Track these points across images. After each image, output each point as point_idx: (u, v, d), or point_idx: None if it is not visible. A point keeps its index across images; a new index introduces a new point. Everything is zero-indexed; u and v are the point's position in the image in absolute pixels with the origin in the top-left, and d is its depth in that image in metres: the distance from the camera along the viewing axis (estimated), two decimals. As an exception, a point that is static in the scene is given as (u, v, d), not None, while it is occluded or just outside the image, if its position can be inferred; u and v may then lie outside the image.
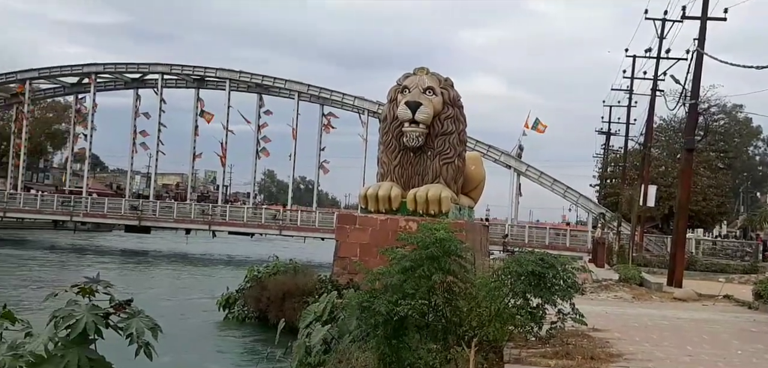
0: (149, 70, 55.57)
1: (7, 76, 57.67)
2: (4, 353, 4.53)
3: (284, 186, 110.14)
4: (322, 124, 52.80)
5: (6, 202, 53.09)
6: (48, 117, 78.55)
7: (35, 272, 33.65)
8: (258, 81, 53.73)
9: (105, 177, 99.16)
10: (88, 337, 4.43)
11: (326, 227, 45.39)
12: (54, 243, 52.94)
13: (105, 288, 4.67)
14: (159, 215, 51.80)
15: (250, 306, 19.40)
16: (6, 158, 63.78)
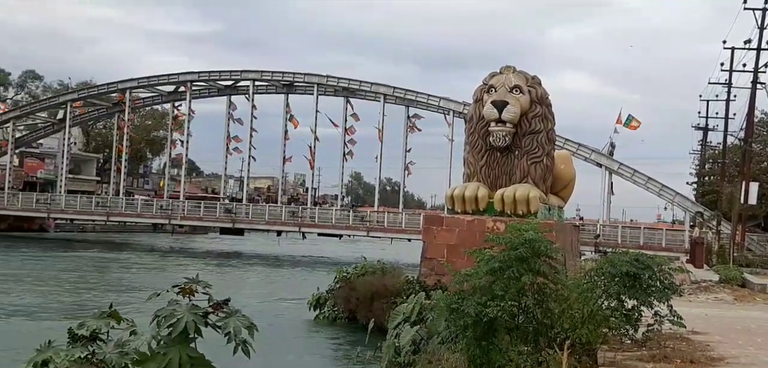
0: (241, 77, 57.29)
1: (109, 86, 60.79)
2: (111, 351, 4.78)
3: (371, 188, 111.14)
4: (407, 125, 53.01)
5: (109, 207, 55.88)
6: (147, 124, 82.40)
7: (137, 273, 35.29)
8: (345, 85, 54.47)
9: (200, 181, 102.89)
10: (188, 336, 4.60)
11: (413, 229, 45.52)
12: (153, 246, 55.37)
13: (204, 288, 4.83)
14: (252, 217, 53.26)
15: (340, 306, 19.70)
16: (109, 165, 67.22)
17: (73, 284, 29.05)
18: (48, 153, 74.50)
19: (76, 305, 23.32)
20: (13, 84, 79.28)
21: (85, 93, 63.16)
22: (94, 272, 34.13)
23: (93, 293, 26.91)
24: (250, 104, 56.30)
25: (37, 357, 4.77)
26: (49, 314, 21.04)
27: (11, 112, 64.12)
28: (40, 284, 28.13)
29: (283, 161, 57.22)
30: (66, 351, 4.91)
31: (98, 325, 5.06)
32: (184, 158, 61.11)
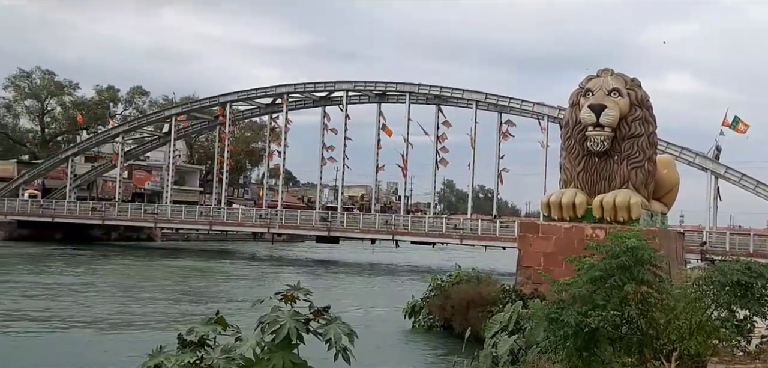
0: (335, 87, 58.31)
1: (210, 100, 63.22)
2: (218, 356, 4.95)
3: (463, 195, 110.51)
4: (500, 132, 52.43)
5: (212, 216, 58.03)
6: (246, 136, 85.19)
7: (239, 280, 36.49)
8: (436, 93, 54.47)
9: (297, 191, 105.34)
10: (291, 342, 4.71)
11: (507, 236, 44.91)
12: (253, 253, 57.13)
13: (305, 295, 4.94)
14: (346, 225, 53.99)
15: (435, 314, 19.66)
16: (211, 176, 69.87)
17: (179, 290, 30.34)
18: (154, 166, 78.23)
19: (182, 311, 24.34)
20: (122, 100, 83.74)
21: (188, 107, 66.01)
22: (199, 280, 35.52)
23: (197, 299, 28.03)
24: (343, 114, 57.21)
25: (149, 361, 4.99)
26: (157, 319, 22.05)
27: (120, 127, 67.73)
28: (148, 290, 29.53)
29: (376, 170, 57.76)
30: (176, 356, 5.12)
31: (206, 331, 5.25)
32: (281, 169, 62.71)
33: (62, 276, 33.37)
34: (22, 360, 14.74)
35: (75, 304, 24.34)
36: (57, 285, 29.57)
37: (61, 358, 15.38)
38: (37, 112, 79.38)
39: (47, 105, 79.49)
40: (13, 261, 40.02)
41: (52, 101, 79.57)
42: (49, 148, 77.18)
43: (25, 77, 77.59)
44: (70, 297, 26.15)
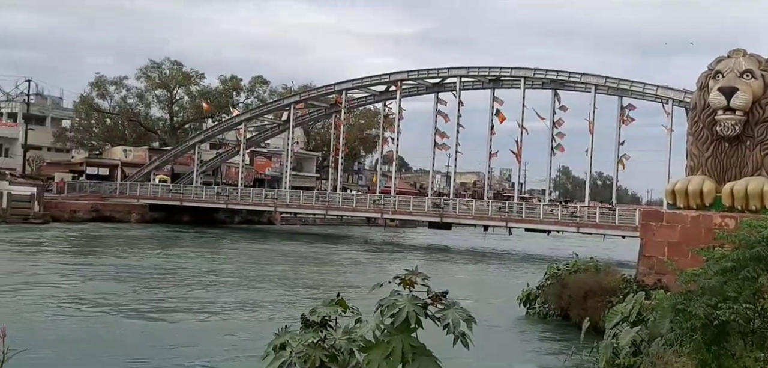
0: (448, 74, 58.10)
1: (327, 88, 64.64)
2: (340, 337, 5.10)
3: (580, 182, 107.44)
4: (620, 117, 50.51)
5: (328, 201, 59.46)
6: (360, 123, 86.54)
7: (354, 263, 37.27)
8: (553, 77, 53.15)
9: (409, 177, 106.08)
10: (409, 325, 4.77)
11: (627, 225, 43.31)
12: (367, 238, 58.09)
13: (423, 280, 4.99)
14: (458, 212, 53.83)
15: (551, 303, 19.30)
16: (327, 162, 71.58)
17: (298, 272, 31.39)
18: (274, 152, 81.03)
19: (302, 292, 25.18)
20: (244, 89, 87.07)
21: (306, 95, 67.79)
22: (316, 262, 36.58)
23: (316, 281, 28.90)
24: (456, 100, 56.96)
25: (276, 340, 5.18)
26: (279, 299, 22.93)
27: (243, 115, 70.51)
28: (270, 271, 30.71)
29: (489, 156, 57.15)
30: (300, 335, 5.28)
31: (327, 312, 5.39)
32: (394, 155, 63.31)
33: (189, 258, 35.25)
34: (152, 342, 15.66)
35: (201, 284, 25.69)
36: (182, 268, 31.26)
37: (191, 339, 16.26)
38: (166, 101, 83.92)
39: (176, 94, 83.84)
40: (145, 242, 42.70)
41: (180, 91, 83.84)
42: (178, 135, 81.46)
43: (155, 68, 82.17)
44: (198, 277, 27.61)
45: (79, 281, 24.92)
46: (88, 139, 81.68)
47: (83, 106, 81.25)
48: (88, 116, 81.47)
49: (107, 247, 38.56)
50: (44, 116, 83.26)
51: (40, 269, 27.61)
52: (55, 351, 13.44)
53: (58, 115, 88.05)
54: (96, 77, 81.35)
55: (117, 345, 14.95)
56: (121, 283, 24.34)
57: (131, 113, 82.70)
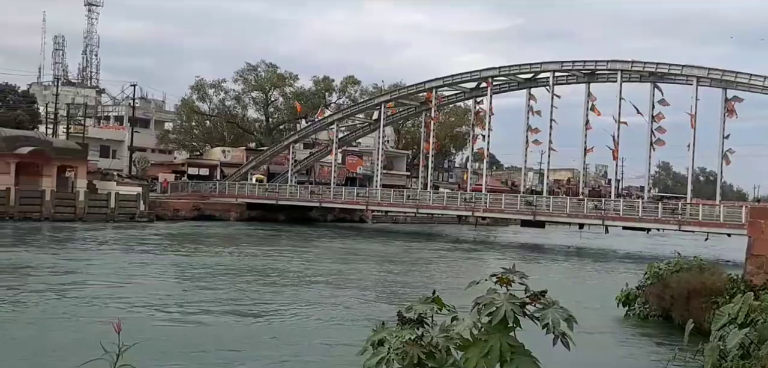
0: (541, 69, 57.04)
1: (417, 86, 64.74)
2: (437, 334, 5.11)
3: (681, 178, 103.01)
4: (724, 109, 48.11)
5: (418, 199, 59.59)
6: (450, 121, 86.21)
7: (446, 261, 37.20)
8: (651, 70, 51.25)
9: (500, 175, 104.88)
10: (507, 324, 4.73)
11: (733, 223, 41.31)
12: (458, 236, 57.82)
13: (520, 278, 4.93)
14: (552, 210, 52.76)
15: (652, 303, 18.62)
16: (417, 160, 71.72)
17: (391, 269, 31.63)
18: (365, 151, 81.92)
19: (395, 289, 25.38)
20: (336, 89, 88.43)
21: (396, 94, 68.15)
22: (408, 260, 36.74)
23: (408, 279, 29.04)
24: (550, 96, 55.82)
25: (373, 336, 5.24)
26: (373, 296, 23.18)
27: (335, 115, 71.65)
28: (364, 268, 31.12)
29: (584, 152, 55.70)
30: (397, 331, 5.32)
31: (424, 309, 5.41)
32: (485, 152, 62.72)
33: (284, 255, 36.13)
34: (248, 338, 16.12)
35: (296, 282, 26.29)
36: (278, 266, 32.04)
37: (288, 338, 16.65)
38: (262, 102, 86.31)
39: (271, 96, 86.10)
40: (243, 240, 44.10)
41: (275, 92, 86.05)
42: (273, 136, 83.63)
43: (251, 71, 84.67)
44: (293, 275, 28.28)
45: (182, 277, 26.05)
46: (189, 140, 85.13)
47: (184, 109, 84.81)
48: (189, 119, 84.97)
49: (208, 245, 40.04)
50: (148, 119, 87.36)
51: (146, 266, 29.02)
52: (161, 346, 14.06)
53: (161, 117, 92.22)
54: (196, 81, 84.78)
55: (215, 341, 15.51)
56: (220, 279, 25.24)
57: (229, 114, 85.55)
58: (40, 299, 19.79)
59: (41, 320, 16.83)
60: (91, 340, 13.46)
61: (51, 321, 16.74)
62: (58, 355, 13.46)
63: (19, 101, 70.90)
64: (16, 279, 23.57)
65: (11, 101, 69.21)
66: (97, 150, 73.82)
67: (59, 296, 20.51)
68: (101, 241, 39.63)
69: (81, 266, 27.83)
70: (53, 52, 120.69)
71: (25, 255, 30.57)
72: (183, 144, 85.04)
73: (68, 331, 15.65)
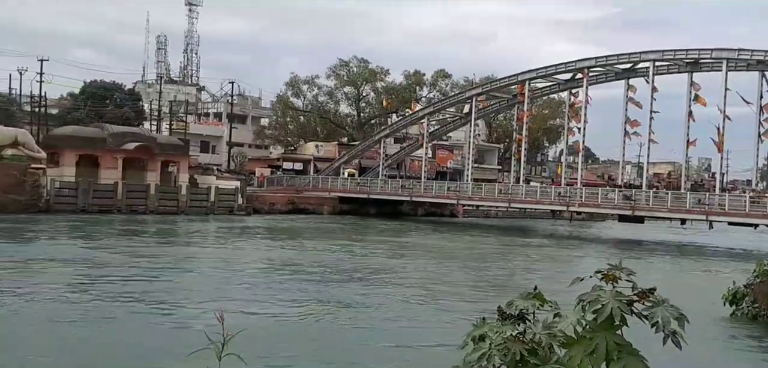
0: (640, 58, 55.08)
1: (509, 79, 63.85)
2: (540, 331, 5.03)
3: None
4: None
5: (510, 194, 58.80)
6: (544, 113, 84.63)
7: (541, 257, 36.56)
8: (760, 57, 48.53)
9: (596, 168, 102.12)
10: (613, 322, 4.60)
11: None
12: (552, 231, 56.72)
13: (627, 275, 4.79)
14: (652, 204, 50.87)
15: (762, 302, 17.65)
16: (509, 154, 70.77)
17: (485, 265, 31.36)
18: (456, 145, 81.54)
19: (489, 284, 25.17)
20: (427, 83, 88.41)
21: (488, 87, 67.47)
22: (501, 255, 36.36)
23: (503, 274, 28.77)
24: (649, 86, 53.83)
25: (474, 331, 5.21)
26: (468, 291, 23.07)
27: (425, 109, 71.64)
28: (457, 263, 31.00)
29: (687, 145, 53.46)
30: (498, 327, 5.28)
31: (525, 305, 5.34)
32: (580, 145, 61.16)
33: (376, 249, 36.47)
34: (342, 334, 16.28)
35: (388, 277, 26.48)
36: (369, 259, 32.34)
37: (383, 335, 16.76)
38: (353, 98, 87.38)
39: (362, 91, 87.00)
40: (336, 233, 44.80)
41: (367, 87, 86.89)
42: (364, 130, 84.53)
43: (343, 66, 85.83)
44: (385, 270, 28.49)
45: (280, 268, 26.72)
46: (284, 136, 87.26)
47: (280, 105, 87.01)
48: (284, 114, 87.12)
49: (303, 237, 40.83)
50: (245, 116, 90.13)
51: (246, 257, 29.99)
52: (263, 336, 14.44)
53: (258, 113, 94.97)
54: (291, 77, 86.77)
55: (316, 333, 15.82)
56: (316, 272, 25.73)
57: (322, 110, 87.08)
58: (153, 287, 20.80)
59: (152, 308, 17.66)
60: (197, 330, 14.01)
61: (161, 308, 17.57)
62: (165, 342, 14.10)
63: (126, 99, 74.60)
64: (138, 269, 24.75)
65: (118, 99, 72.92)
66: (197, 146, 76.85)
67: (168, 285, 21.51)
68: (204, 233, 41.28)
69: (187, 257, 29.08)
70: (156, 51, 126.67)
71: (141, 248, 32.18)
72: (278, 139, 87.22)
73: (174, 320, 16.35)
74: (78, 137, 52.21)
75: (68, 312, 16.61)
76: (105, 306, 17.45)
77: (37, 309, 16.85)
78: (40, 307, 17.05)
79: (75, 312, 16.62)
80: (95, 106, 69.65)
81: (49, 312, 16.53)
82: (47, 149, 51.05)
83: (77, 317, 16.16)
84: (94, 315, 16.48)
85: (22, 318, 15.88)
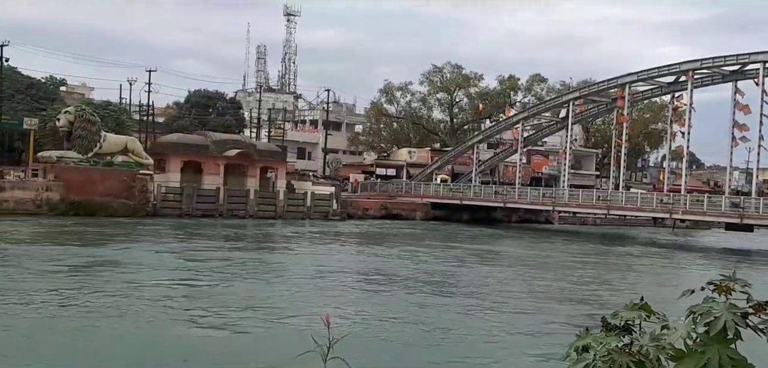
0: (749, 60, 52.36)
1: (608, 82, 62.08)
2: (647, 343, 4.88)
3: None
4: None
5: (609, 200, 57.11)
6: (645, 118, 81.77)
7: (643, 267, 35.30)
8: None
9: (701, 174, 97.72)
10: (727, 336, 4.41)
11: None
12: (654, 240, 54.65)
13: (742, 286, 4.59)
14: (762, 212, 48.19)
15: None
16: (608, 159, 68.74)
17: (581, 274, 30.58)
18: (551, 150, 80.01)
19: (587, 294, 24.55)
20: (522, 88, 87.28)
21: (585, 91, 65.86)
22: (603, 264, 35.39)
23: (605, 284, 27.98)
24: (759, 89, 51.05)
25: (577, 342, 5.10)
26: (566, 300, 22.57)
27: (520, 114, 70.68)
28: (555, 272, 30.41)
29: (801, 150, 50.31)
30: (602, 338, 5.16)
31: (631, 316, 5.19)
32: (684, 150, 58.70)
33: (468, 256, 36.22)
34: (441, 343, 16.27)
35: (483, 284, 26.25)
36: (463, 267, 32.16)
37: (481, 347, 16.66)
38: (447, 104, 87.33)
39: (455, 97, 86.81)
40: (430, 238, 44.81)
41: (460, 93, 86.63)
42: (457, 136, 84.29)
43: (437, 72, 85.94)
44: (479, 278, 28.27)
45: (377, 274, 27.01)
46: (377, 142, 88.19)
47: (373, 111, 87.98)
48: (377, 121, 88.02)
49: (396, 243, 41.00)
50: (340, 122, 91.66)
51: (343, 261, 30.52)
52: (365, 341, 14.63)
53: (352, 120, 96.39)
54: (384, 84, 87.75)
55: (420, 338, 15.89)
56: (408, 279, 25.82)
57: (415, 116, 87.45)
58: (257, 290, 21.53)
59: (257, 311, 18.27)
60: (300, 332, 14.33)
61: (265, 312, 18.16)
62: (272, 344, 14.55)
63: (227, 107, 77.44)
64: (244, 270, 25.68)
65: (220, 108, 75.80)
66: (294, 152, 78.83)
67: (270, 288, 22.20)
68: (301, 237, 42.24)
69: (288, 261, 29.90)
70: (256, 61, 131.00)
71: (243, 253, 33.29)
72: (372, 145, 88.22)
73: (278, 323, 16.85)
74: (183, 144, 54.52)
75: (178, 314, 17.41)
76: (217, 308, 18.15)
77: (150, 311, 17.73)
78: (151, 310, 17.93)
79: (187, 314, 17.40)
80: (199, 114, 72.69)
81: (158, 315, 17.37)
82: (154, 156, 53.58)
83: (189, 318, 16.90)
84: (207, 314, 17.22)
85: (133, 321, 16.75)
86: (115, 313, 16.87)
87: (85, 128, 49.13)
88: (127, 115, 66.39)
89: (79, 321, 15.82)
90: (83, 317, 16.29)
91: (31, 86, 64.09)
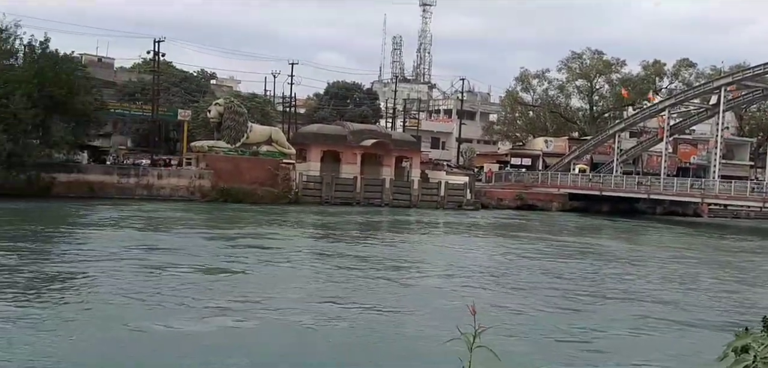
0: None
1: (765, 66, 57.62)
2: None
3: None
4: None
5: (765, 193, 53.28)
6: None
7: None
8: None
9: None
10: None
11: None
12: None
13: None
14: None
15: None
16: (763, 149, 63.93)
17: (737, 270, 28.82)
18: (700, 139, 75.50)
19: (743, 290, 23.15)
20: (668, 74, 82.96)
21: (739, 76, 61.56)
22: (761, 261, 33.20)
23: (760, 281, 26.28)
24: None
25: (736, 342, 4.95)
26: (719, 297, 21.39)
27: (666, 100, 67.24)
28: (704, 270, 28.82)
29: None
30: (763, 339, 4.96)
31: (795, 318, 4.94)
32: None
33: (615, 250, 35.02)
34: (594, 342, 15.84)
35: (630, 280, 25.33)
36: (612, 267, 31.19)
37: (618, 343, 16.16)
38: (586, 91, 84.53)
39: (595, 84, 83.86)
40: (567, 231, 43.72)
41: (600, 80, 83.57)
42: (597, 124, 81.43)
43: (576, 59, 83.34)
44: (619, 276, 27.29)
45: (510, 266, 26.80)
46: (512, 131, 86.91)
47: (508, 100, 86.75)
48: (512, 109, 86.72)
49: (533, 235, 40.28)
50: (474, 112, 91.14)
51: (478, 252, 30.53)
52: (511, 332, 14.59)
53: (486, 109, 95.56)
54: (520, 72, 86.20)
55: (552, 339, 15.65)
56: (548, 272, 25.35)
57: (552, 104, 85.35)
58: (399, 277, 22.13)
59: (402, 297, 18.82)
60: (444, 319, 14.58)
61: (409, 298, 18.68)
62: (416, 330, 14.92)
63: (364, 98, 79.16)
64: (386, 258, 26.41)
65: (357, 98, 77.61)
66: (428, 142, 79.33)
67: (412, 276, 22.76)
68: (438, 226, 42.58)
69: (427, 251, 30.49)
70: (392, 52, 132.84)
71: (383, 243, 34.11)
72: (506, 135, 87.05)
73: (423, 308, 17.23)
74: (322, 134, 56.39)
75: (330, 294, 18.25)
76: (344, 293, 18.81)
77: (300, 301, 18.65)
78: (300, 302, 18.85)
79: (347, 294, 18.20)
80: (337, 105, 74.86)
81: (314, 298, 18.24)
82: (296, 146, 55.80)
83: (349, 297, 17.67)
84: (362, 300, 17.95)
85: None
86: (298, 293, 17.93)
87: (233, 119, 51.98)
88: (271, 106, 69.50)
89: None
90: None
91: (185, 80, 68.64)
